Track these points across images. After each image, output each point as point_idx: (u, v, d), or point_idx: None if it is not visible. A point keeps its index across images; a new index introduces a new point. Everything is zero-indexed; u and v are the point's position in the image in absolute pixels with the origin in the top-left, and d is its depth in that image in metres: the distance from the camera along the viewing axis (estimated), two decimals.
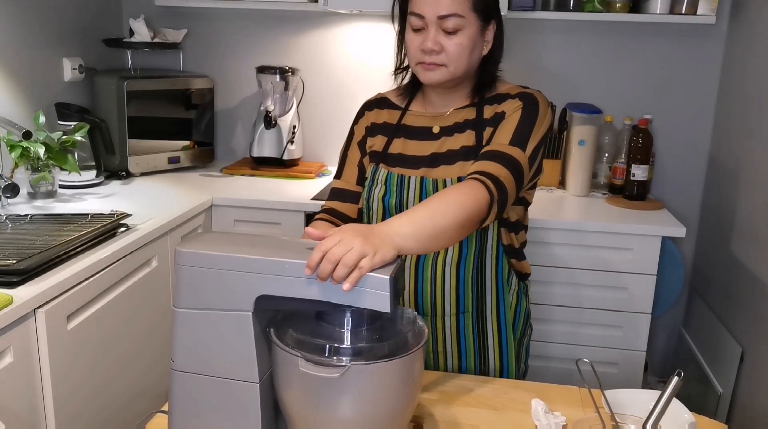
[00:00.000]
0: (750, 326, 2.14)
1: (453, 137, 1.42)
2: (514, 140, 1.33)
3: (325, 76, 2.80)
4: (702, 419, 1.19)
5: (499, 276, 1.48)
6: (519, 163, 1.31)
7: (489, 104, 1.41)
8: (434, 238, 1.13)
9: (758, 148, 2.17)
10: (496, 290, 1.48)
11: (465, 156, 1.40)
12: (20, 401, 1.44)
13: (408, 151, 1.45)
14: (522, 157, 1.32)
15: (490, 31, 1.38)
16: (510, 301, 1.50)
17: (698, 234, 2.69)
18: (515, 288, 1.51)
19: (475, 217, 1.22)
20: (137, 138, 2.49)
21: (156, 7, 2.76)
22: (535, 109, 1.37)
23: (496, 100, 1.41)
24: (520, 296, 1.52)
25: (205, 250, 0.99)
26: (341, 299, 0.95)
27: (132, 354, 1.86)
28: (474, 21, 1.33)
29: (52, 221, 1.81)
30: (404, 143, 1.47)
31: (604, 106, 2.59)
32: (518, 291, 1.52)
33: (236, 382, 0.99)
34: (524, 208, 1.49)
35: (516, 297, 1.51)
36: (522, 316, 1.54)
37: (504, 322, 1.50)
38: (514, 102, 1.39)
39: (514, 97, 1.39)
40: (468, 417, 1.19)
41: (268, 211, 2.31)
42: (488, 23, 1.37)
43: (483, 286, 1.47)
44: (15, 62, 2.20)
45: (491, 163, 1.30)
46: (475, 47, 1.35)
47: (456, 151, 1.41)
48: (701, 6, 2.37)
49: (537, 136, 1.35)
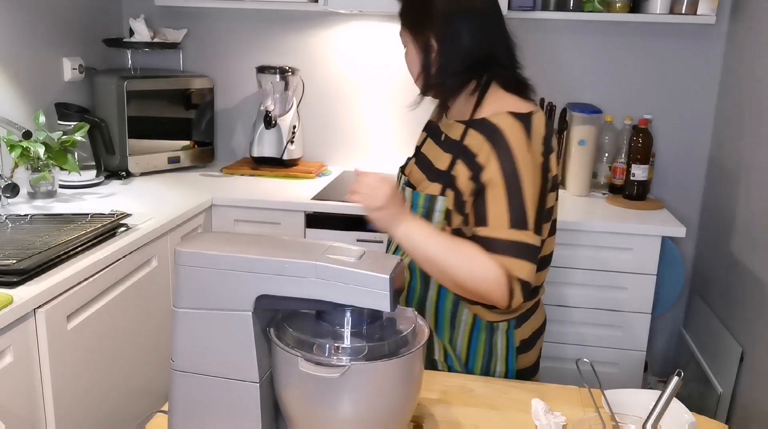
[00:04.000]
0: (750, 326, 2.14)
1: (444, 152, 1.40)
2: (513, 221, 1.25)
3: (325, 76, 2.80)
4: (702, 419, 1.19)
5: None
6: (531, 246, 1.25)
7: (472, 127, 1.34)
8: (426, 263, 1.28)
9: (758, 148, 2.17)
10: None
11: (437, 176, 1.38)
12: (20, 401, 1.44)
13: (423, 148, 1.50)
14: (529, 238, 1.25)
15: (433, 41, 1.34)
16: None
17: (698, 234, 2.69)
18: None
19: (475, 294, 1.27)
20: (137, 138, 2.49)
21: (156, 7, 2.76)
22: (509, 155, 1.26)
23: (474, 125, 1.34)
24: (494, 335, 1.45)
25: (205, 250, 0.99)
26: (341, 299, 0.95)
27: (132, 354, 1.86)
28: (408, 35, 1.38)
29: (52, 221, 1.81)
30: (427, 141, 1.51)
31: (604, 106, 2.59)
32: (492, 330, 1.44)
33: (236, 382, 0.99)
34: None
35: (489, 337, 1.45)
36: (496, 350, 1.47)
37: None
38: (478, 139, 1.30)
39: (478, 130, 1.32)
40: (468, 417, 1.19)
41: (268, 211, 2.31)
42: (422, 34, 1.35)
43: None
44: (15, 62, 2.20)
45: (513, 259, 1.23)
46: (417, 59, 1.36)
47: (435, 167, 1.41)
48: (701, 6, 2.37)
49: (530, 189, 1.26)
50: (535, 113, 1.32)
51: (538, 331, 1.52)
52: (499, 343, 1.44)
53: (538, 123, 1.31)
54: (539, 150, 1.29)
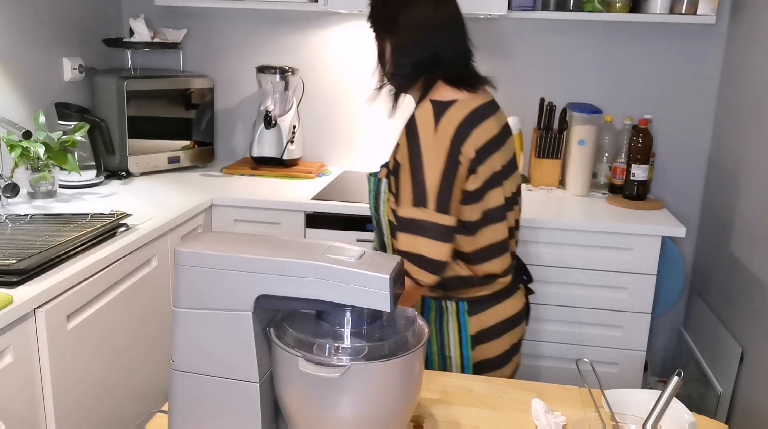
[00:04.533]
0: (750, 326, 2.14)
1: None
2: (415, 200, 1.38)
3: (325, 76, 2.80)
4: (702, 419, 1.19)
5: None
6: (431, 223, 1.37)
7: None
8: None
9: (758, 148, 2.17)
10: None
11: (386, 164, 1.55)
12: (20, 401, 1.44)
13: None
14: (429, 216, 1.37)
15: (388, 45, 1.53)
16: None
17: (698, 234, 2.69)
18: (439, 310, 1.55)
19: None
20: (137, 138, 2.49)
21: (156, 7, 2.76)
22: (415, 138, 1.40)
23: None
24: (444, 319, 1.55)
25: (205, 250, 0.98)
26: (341, 299, 0.95)
27: (132, 354, 1.86)
28: (374, 36, 1.56)
29: (52, 221, 1.81)
30: None
31: (604, 106, 2.59)
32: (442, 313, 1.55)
33: (236, 382, 0.99)
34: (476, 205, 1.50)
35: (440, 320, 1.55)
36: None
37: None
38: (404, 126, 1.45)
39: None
40: (468, 417, 1.19)
41: (268, 211, 2.31)
42: (380, 38, 1.54)
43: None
44: (15, 62, 2.20)
45: (413, 236, 1.38)
46: (380, 58, 1.55)
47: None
48: (701, 6, 2.37)
49: (431, 170, 1.37)
50: (458, 102, 1.43)
51: (504, 324, 1.55)
52: (451, 326, 1.51)
53: (456, 111, 1.41)
54: (448, 135, 1.39)
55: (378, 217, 1.58)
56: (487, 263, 1.49)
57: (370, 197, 1.58)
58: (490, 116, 1.48)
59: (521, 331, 1.63)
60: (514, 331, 1.59)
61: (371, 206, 1.58)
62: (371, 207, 1.58)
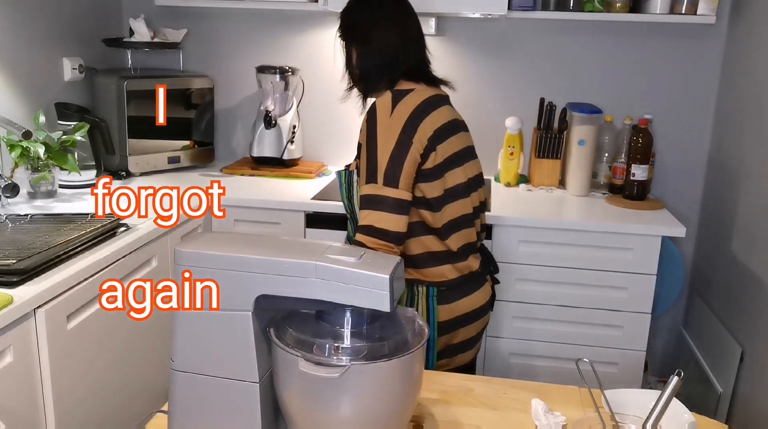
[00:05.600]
0: (750, 326, 2.14)
1: None
2: (368, 177, 1.52)
3: (325, 76, 2.80)
4: (702, 419, 1.19)
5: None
6: (378, 196, 1.49)
7: None
8: None
9: (758, 148, 2.17)
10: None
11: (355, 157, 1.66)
12: (20, 401, 1.44)
13: None
14: (378, 190, 1.50)
15: (354, 51, 1.70)
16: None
17: (698, 234, 2.69)
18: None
19: None
20: (137, 138, 2.49)
21: (156, 7, 2.76)
22: (373, 122, 1.54)
23: None
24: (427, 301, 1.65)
25: (205, 250, 0.99)
26: (341, 299, 0.95)
27: (132, 354, 1.86)
28: (342, 45, 1.74)
29: (52, 221, 1.81)
30: None
31: (604, 106, 2.59)
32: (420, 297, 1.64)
33: (236, 382, 0.99)
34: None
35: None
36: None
37: None
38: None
39: None
40: (468, 417, 1.19)
41: (268, 211, 2.31)
42: (348, 45, 1.72)
43: None
44: (15, 62, 2.20)
45: (366, 211, 1.50)
46: (348, 64, 1.73)
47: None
48: (701, 6, 2.37)
49: (383, 149, 1.51)
50: (415, 90, 1.60)
51: (472, 314, 1.67)
52: (420, 308, 1.61)
53: (412, 97, 1.57)
54: (403, 117, 1.54)
55: (351, 207, 1.70)
56: (456, 235, 1.62)
57: (341, 190, 1.70)
58: (445, 105, 1.64)
59: (486, 320, 1.77)
60: (481, 321, 1.72)
61: (343, 197, 1.71)
62: (343, 198, 1.71)
